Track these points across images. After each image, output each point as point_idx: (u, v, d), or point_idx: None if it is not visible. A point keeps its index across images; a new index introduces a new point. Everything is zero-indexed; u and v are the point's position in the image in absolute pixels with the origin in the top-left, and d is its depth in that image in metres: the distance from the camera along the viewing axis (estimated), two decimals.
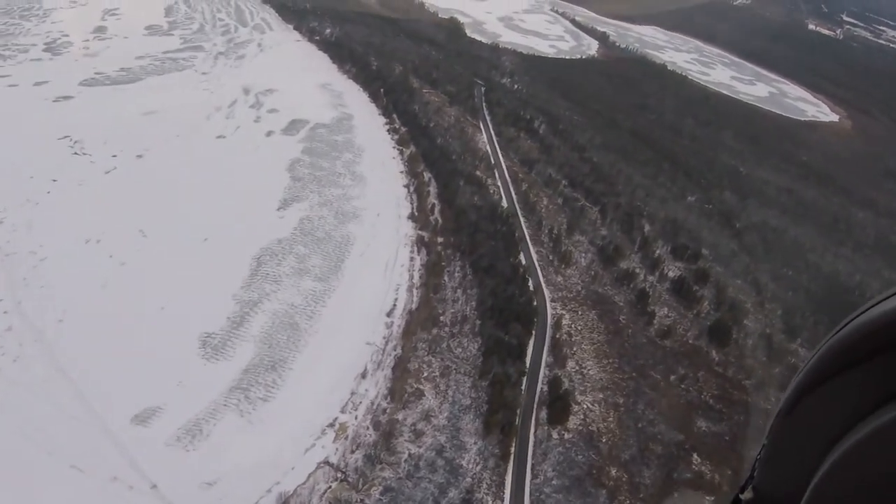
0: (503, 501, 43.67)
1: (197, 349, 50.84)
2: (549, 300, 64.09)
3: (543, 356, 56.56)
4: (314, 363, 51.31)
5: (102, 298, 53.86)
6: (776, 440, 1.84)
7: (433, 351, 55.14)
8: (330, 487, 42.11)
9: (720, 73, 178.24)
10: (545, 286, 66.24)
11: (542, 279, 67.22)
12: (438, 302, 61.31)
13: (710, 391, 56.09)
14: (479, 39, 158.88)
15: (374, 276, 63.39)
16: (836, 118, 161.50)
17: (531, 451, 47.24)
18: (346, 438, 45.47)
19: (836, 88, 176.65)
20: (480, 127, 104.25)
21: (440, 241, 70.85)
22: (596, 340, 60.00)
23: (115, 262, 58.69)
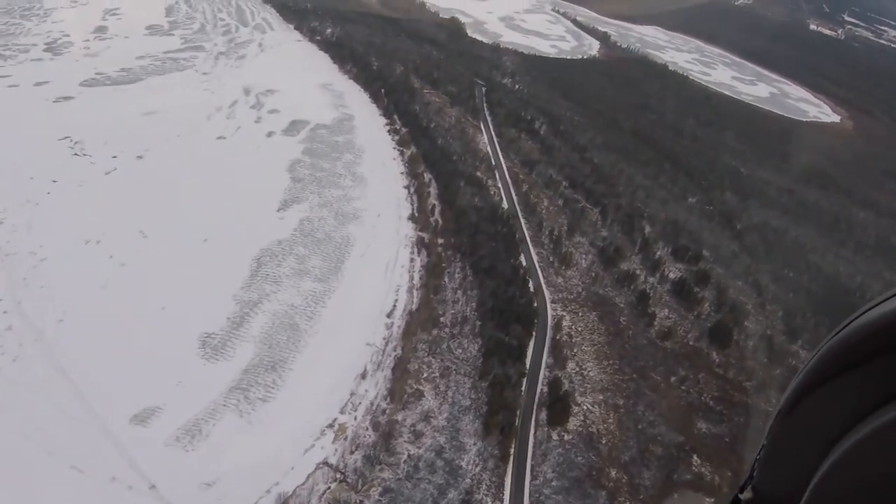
0: (502, 502, 43.64)
1: (197, 349, 50.88)
2: (549, 301, 64.04)
3: (543, 357, 56.52)
4: (314, 364, 51.31)
5: (102, 299, 53.91)
6: (776, 440, 1.85)
7: (433, 352, 55.11)
8: (329, 488, 42.11)
9: (721, 73, 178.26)
10: (545, 287, 66.19)
11: (542, 280, 67.16)
12: (439, 303, 61.28)
13: (710, 393, 56.03)
14: (480, 39, 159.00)
15: (374, 277, 63.39)
16: (837, 119, 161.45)
17: (531, 452, 47.20)
18: (345, 439, 45.46)
19: (837, 89, 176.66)
20: (481, 127, 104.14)
21: (440, 242, 70.81)
22: (596, 342, 59.96)
23: (115, 262, 58.73)
